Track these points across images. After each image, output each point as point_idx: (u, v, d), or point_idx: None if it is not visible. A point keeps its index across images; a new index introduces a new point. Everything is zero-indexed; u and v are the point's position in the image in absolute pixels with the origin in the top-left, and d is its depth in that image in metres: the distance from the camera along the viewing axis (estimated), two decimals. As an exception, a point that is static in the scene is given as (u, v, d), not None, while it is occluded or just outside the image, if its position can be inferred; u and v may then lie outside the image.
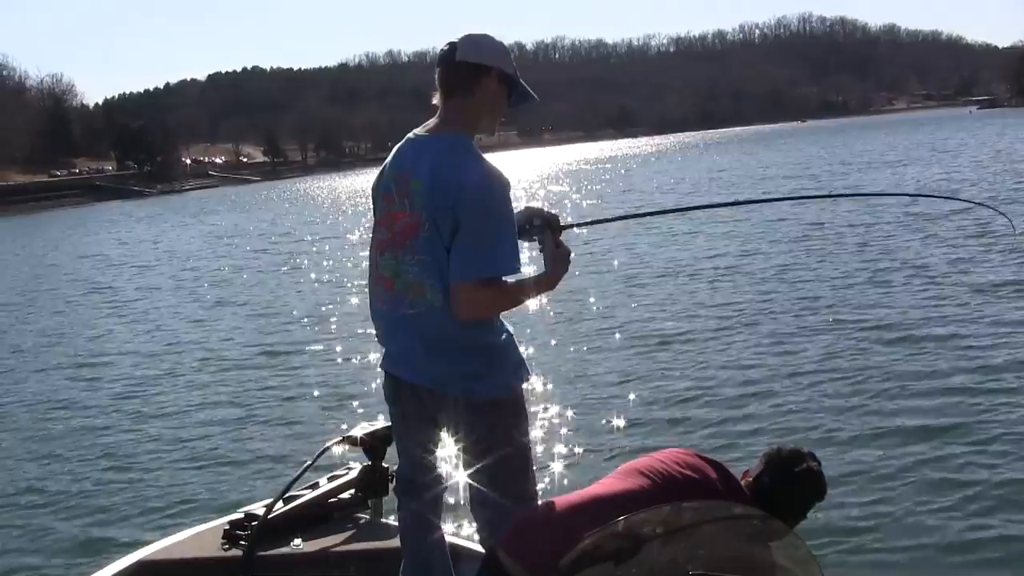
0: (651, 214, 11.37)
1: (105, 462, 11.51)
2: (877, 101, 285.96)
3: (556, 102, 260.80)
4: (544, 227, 4.22)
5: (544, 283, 4.13)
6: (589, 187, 61.50)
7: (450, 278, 3.88)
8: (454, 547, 4.68)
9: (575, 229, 5.11)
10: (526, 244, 4.19)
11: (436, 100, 4.14)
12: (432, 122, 4.15)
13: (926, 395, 10.72)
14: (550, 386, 12.56)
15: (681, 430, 10.46)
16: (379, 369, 4.34)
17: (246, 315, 21.87)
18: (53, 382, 16.53)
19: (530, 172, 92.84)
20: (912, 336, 13.30)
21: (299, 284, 26.58)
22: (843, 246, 22.46)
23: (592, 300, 19.16)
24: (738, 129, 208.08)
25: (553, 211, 4.33)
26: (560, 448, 10.09)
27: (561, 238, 4.27)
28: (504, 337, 4.10)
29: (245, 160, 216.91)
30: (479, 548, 4.43)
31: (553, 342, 15.51)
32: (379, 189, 4.21)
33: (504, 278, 3.95)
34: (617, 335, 15.70)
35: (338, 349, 16.52)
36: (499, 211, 3.91)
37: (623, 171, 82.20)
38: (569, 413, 11.37)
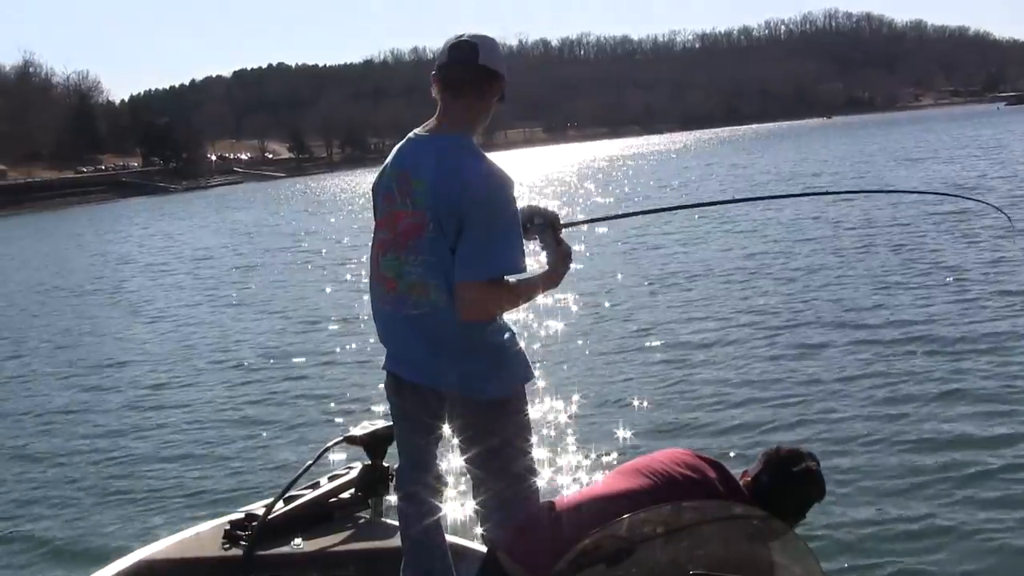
0: (648, 212, 11.22)
1: (105, 461, 11.54)
2: (903, 97, 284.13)
3: (581, 99, 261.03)
4: (545, 226, 4.27)
5: (548, 281, 4.16)
6: (613, 187, 60.90)
7: (455, 278, 3.86)
8: (454, 547, 4.67)
9: (586, 227, 5.07)
10: (528, 243, 4.16)
11: (436, 95, 4.10)
12: (432, 121, 4.12)
13: (959, 402, 10.43)
14: (552, 385, 12.49)
15: (683, 430, 10.47)
16: (381, 369, 4.32)
17: (252, 315, 21.98)
18: (56, 381, 16.56)
19: (555, 169, 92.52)
20: (941, 340, 12.99)
21: (309, 283, 26.58)
22: (871, 246, 22.12)
23: (594, 298, 19.22)
24: (763, 126, 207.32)
25: (554, 210, 4.35)
26: (561, 448, 10.13)
27: (561, 236, 4.30)
28: (507, 337, 4.08)
29: (270, 156, 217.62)
30: (479, 547, 4.55)
31: (556, 341, 15.58)
32: (380, 189, 4.20)
33: (508, 277, 3.93)
34: (619, 334, 15.79)
35: (340, 349, 16.54)
36: (504, 210, 3.89)
37: (645, 167, 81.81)
38: (571, 413, 11.38)
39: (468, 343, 3.96)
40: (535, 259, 4.16)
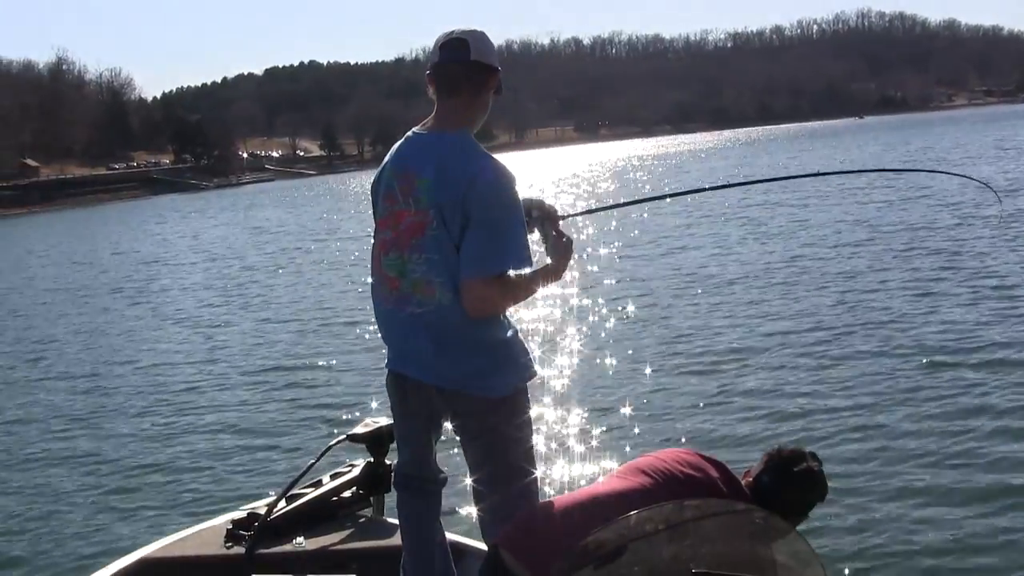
0: (644, 200, 11.09)
1: (107, 460, 11.60)
2: (936, 97, 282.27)
3: (613, 98, 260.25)
4: (543, 218, 4.26)
5: (550, 274, 4.16)
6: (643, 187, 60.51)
7: (462, 275, 3.88)
8: (455, 544, 4.72)
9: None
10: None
11: (432, 95, 4.10)
12: (431, 120, 4.12)
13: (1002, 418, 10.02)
14: (555, 383, 12.62)
15: (687, 431, 10.41)
16: (383, 367, 4.31)
17: (261, 315, 21.97)
18: (60, 382, 16.59)
19: (586, 168, 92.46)
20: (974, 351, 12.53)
21: (323, 284, 26.47)
22: (912, 249, 21.50)
23: (598, 296, 19.15)
24: (795, 125, 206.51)
25: (552, 203, 4.35)
26: (565, 445, 10.19)
27: (560, 227, 4.31)
28: (510, 334, 4.10)
29: (301, 154, 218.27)
30: (480, 545, 4.53)
31: (558, 338, 15.56)
32: (380, 189, 4.19)
33: (512, 272, 3.91)
34: (623, 333, 15.79)
35: (345, 347, 16.66)
36: (509, 206, 3.91)
37: (676, 166, 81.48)
38: (573, 411, 11.39)
39: (472, 340, 3.98)
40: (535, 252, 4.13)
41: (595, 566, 3.20)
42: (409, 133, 4.17)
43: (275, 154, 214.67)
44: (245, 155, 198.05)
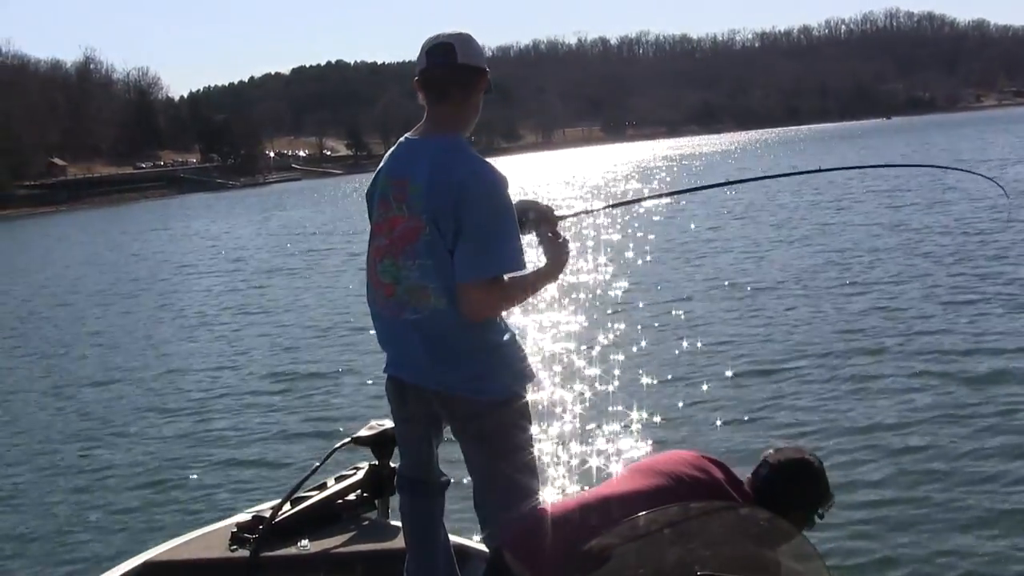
0: (641, 200, 10.83)
1: (112, 463, 11.57)
2: (965, 98, 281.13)
3: (640, 98, 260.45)
4: (540, 220, 4.26)
5: (547, 276, 4.17)
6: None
7: (456, 279, 3.86)
8: (458, 546, 4.71)
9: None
10: (524, 238, 4.13)
11: (422, 100, 4.11)
12: (423, 125, 4.12)
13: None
14: (555, 385, 12.60)
15: (691, 431, 10.47)
16: (382, 373, 4.31)
17: (270, 318, 21.94)
18: (64, 380, 16.76)
19: (611, 167, 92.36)
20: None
21: (335, 286, 26.31)
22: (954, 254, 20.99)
23: (603, 293, 19.36)
24: (823, 126, 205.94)
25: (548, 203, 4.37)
26: (566, 448, 10.10)
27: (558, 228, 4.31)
28: (507, 337, 4.08)
29: (328, 153, 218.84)
30: (483, 548, 4.48)
31: (560, 339, 15.59)
32: (374, 195, 4.18)
33: (508, 275, 3.91)
34: (629, 333, 15.67)
35: (350, 351, 16.67)
36: (501, 209, 3.89)
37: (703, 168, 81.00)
38: (575, 413, 11.37)
39: (468, 345, 3.97)
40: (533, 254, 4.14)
41: (600, 569, 3.21)
42: (402, 139, 4.18)
43: (302, 153, 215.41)
44: (272, 154, 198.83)
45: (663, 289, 19.79)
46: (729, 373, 12.66)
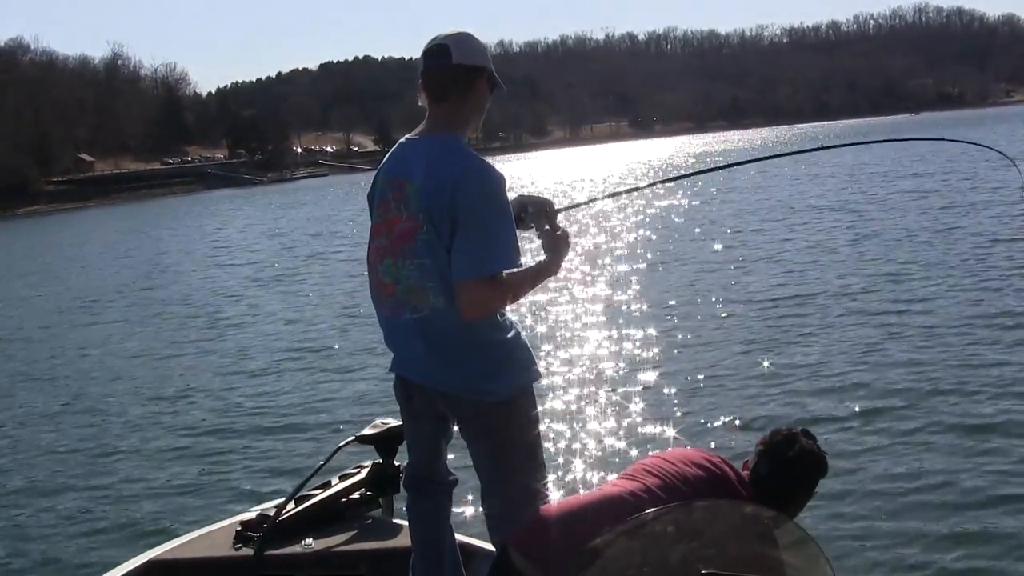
0: (637, 189, 10.71)
1: (114, 461, 11.60)
2: (995, 93, 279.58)
3: (667, 93, 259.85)
4: (539, 214, 4.29)
5: (547, 270, 4.20)
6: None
7: (454, 277, 3.89)
8: (464, 545, 4.72)
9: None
10: (524, 233, 4.21)
11: (422, 102, 4.14)
12: (423, 125, 4.15)
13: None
14: (563, 382, 12.63)
15: (695, 431, 10.38)
16: (388, 372, 4.33)
17: (278, 315, 21.91)
18: (67, 381, 16.72)
19: (637, 164, 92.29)
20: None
21: (345, 285, 26.03)
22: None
23: (607, 292, 19.34)
24: (852, 121, 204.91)
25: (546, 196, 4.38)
26: (572, 446, 10.13)
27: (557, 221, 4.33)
28: (511, 335, 4.10)
29: (356, 149, 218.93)
30: (489, 546, 4.47)
31: (562, 338, 15.58)
32: (374, 196, 4.22)
33: (507, 271, 3.92)
34: (636, 332, 15.59)
35: (354, 348, 16.67)
36: (496, 206, 3.92)
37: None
38: (581, 411, 11.36)
39: (470, 344, 3.99)
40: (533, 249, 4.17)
41: (604, 567, 3.22)
42: (402, 139, 4.20)
43: (329, 149, 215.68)
44: (299, 150, 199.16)
45: (663, 289, 19.64)
46: (739, 372, 12.57)
